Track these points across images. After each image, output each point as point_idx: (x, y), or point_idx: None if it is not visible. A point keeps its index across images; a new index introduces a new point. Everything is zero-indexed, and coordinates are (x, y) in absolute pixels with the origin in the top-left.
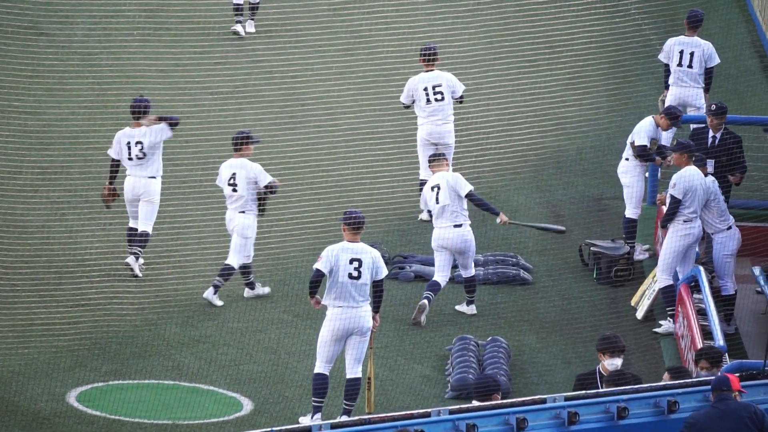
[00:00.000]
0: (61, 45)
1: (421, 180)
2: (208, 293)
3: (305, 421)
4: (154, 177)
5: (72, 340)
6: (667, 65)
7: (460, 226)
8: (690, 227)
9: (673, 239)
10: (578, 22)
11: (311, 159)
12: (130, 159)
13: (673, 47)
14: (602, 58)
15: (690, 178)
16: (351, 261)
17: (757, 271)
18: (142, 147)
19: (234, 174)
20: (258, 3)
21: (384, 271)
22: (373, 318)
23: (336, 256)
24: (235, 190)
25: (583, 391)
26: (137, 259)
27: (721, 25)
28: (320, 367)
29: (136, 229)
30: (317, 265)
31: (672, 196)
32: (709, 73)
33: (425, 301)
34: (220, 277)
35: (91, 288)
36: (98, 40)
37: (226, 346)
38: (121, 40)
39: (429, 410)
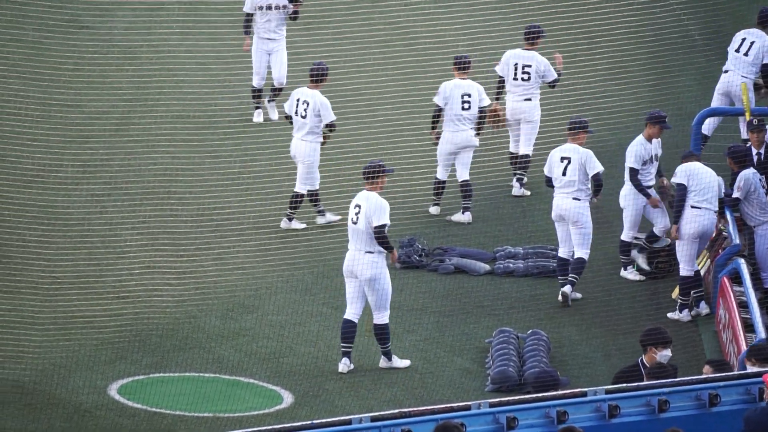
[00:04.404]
0: (102, 38)
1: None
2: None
3: (341, 367)
4: (305, 140)
5: (113, 332)
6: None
7: (578, 200)
8: (698, 214)
9: (683, 226)
10: (617, 13)
11: (350, 151)
12: (296, 114)
13: (738, 35)
14: (642, 50)
15: (691, 166)
16: (355, 206)
17: None
18: (307, 107)
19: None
20: (282, 87)
21: (378, 220)
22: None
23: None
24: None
25: (624, 384)
26: (324, 215)
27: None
28: (346, 312)
29: (312, 191)
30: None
31: (677, 184)
32: (765, 69)
33: (567, 288)
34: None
35: (132, 281)
36: (139, 33)
37: (266, 339)
38: (161, 33)
39: (469, 403)
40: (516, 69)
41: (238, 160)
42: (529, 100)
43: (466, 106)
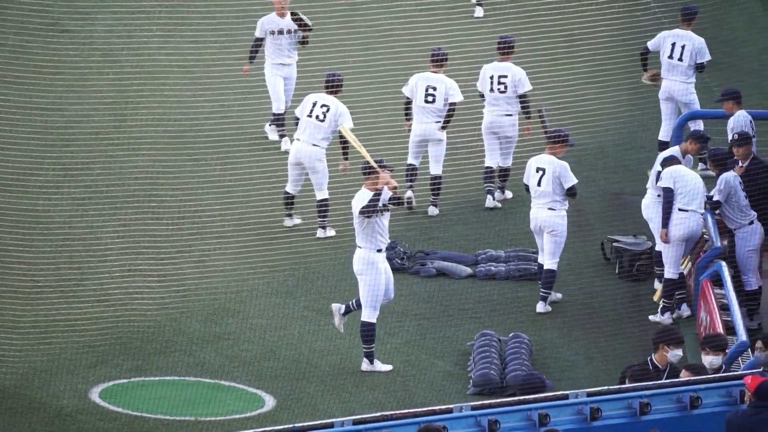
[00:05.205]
0: (83, 42)
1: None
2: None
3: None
4: (317, 145)
5: (94, 336)
6: (645, 49)
7: (553, 210)
8: (685, 217)
9: (671, 229)
10: (597, 16)
11: (330, 154)
12: (309, 116)
13: (665, 39)
14: (622, 53)
15: (675, 169)
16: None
17: None
18: (327, 111)
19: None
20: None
21: (356, 210)
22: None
23: None
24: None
25: (605, 387)
26: (325, 230)
27: (743, 19)
28: None
29: (292, 194)
30: None
31: (663, 188)
32: (700, 69)
33: (540, 307)
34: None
35: (113, 284)
36: (120, 36)
37: (248, 342)
38: (142, 36)
39: (451, 406)
40: (492, 81)
41: (219, 163)
42: (510, 115)
43: (429, 98)
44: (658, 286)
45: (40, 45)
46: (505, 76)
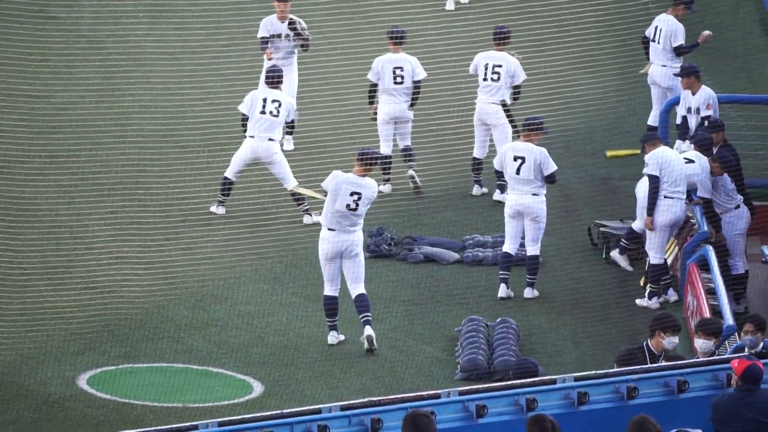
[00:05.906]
0: (69, 29)
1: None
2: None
3: (330, 340)
4: (273, 139)
5: (82, 323)
6: (644, 37)
7: (537, 195)
8: (671, 204)
9: (656, 216)
10: (587, 2)
11: (317, 140)
12: (262, 113)
13: (653, 24)
14: (610, 38)
15: (661, 155)
16: (352, 194)
17: (766, 249)
18: (279, 106)
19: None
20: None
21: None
22: None
23: (340, 183)
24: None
25: (593, 372)
26: (311, 216)
27: (729, 3)
28: (326, 289)
29: (233, 181)
30: (323, 183)
31: (649, 175)
32: (677, 52)
33: (503, 285)
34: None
35: (101, 272)
36: (106, 23)
37: (236, 329)
38: (128, 23)
39: (439, 391)
40: (486, 69)
41: (206, 150)
42: (497, 104)
43: (398, 80)
44: (615, 256)
45: (26, 32)
46: (500, 66)
